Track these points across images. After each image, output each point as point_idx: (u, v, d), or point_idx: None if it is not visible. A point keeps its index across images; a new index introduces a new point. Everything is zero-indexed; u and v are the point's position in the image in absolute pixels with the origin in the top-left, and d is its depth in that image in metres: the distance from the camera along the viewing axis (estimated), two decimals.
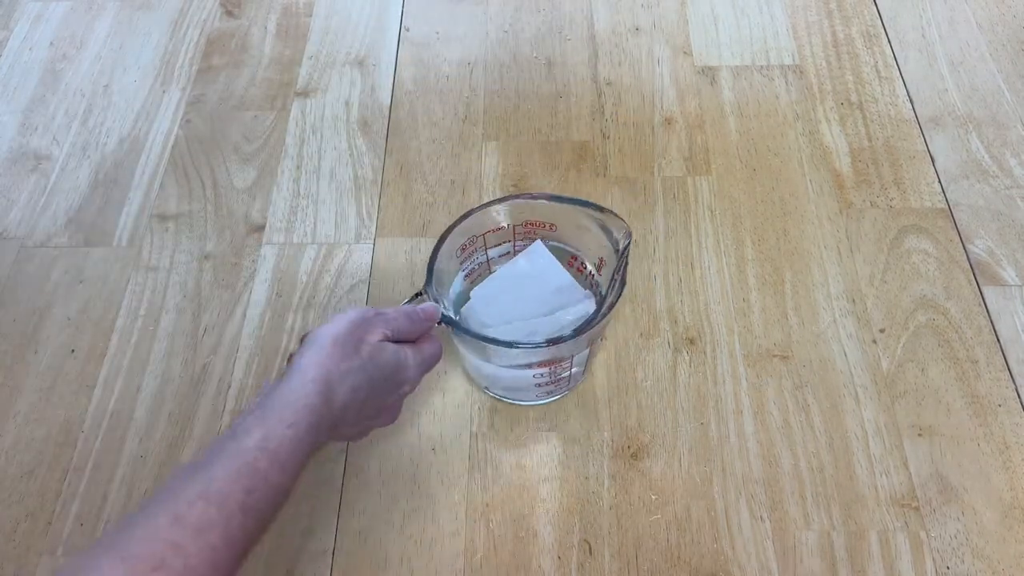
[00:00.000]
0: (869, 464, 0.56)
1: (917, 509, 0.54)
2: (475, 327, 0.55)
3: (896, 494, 0.55)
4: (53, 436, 0.58)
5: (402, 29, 0.83)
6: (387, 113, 0.76)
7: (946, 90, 0.77)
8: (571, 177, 0.71)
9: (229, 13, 0.84)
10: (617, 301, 0.50)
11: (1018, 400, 0.59)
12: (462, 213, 0.53)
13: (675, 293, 0.64)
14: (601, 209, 0.53)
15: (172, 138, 0.74)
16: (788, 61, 0.79)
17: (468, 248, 0.56)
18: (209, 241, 0.68)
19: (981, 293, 0.64)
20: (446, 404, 0.59)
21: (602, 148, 0.73)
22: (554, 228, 0.57)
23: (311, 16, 0.84)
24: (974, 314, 0.63)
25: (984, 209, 0.69)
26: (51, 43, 0.82)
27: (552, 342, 0.49)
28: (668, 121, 0.75)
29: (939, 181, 0.70)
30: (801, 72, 0.78)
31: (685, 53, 0.80)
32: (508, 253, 0.58)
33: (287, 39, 0.82)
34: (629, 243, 0.51)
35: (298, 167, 0.72)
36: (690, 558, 0.53)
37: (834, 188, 0.70)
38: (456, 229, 0.53)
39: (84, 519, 0.55)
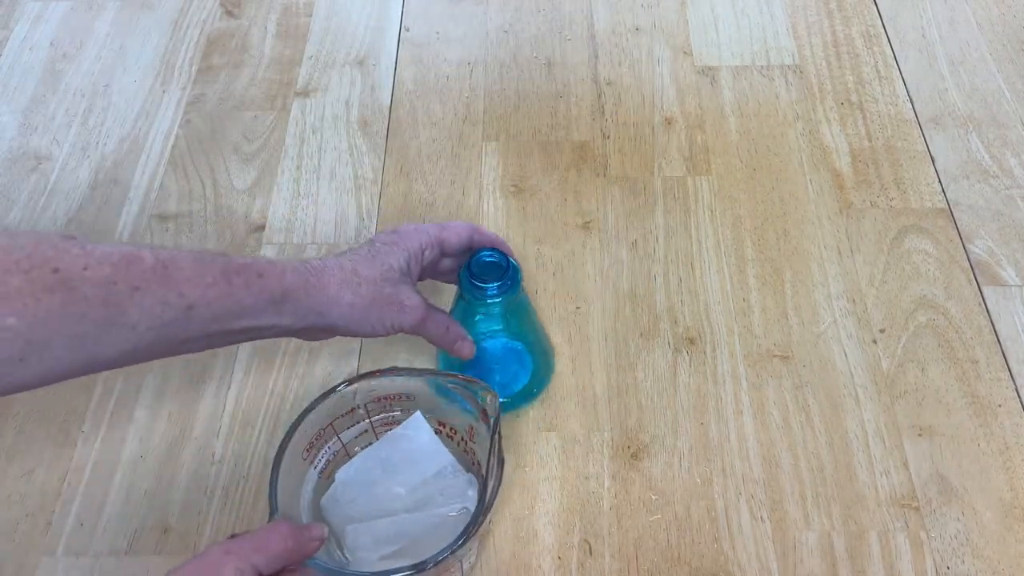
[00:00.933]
0: (869, 464, 0.56)
1: (917, 509, 0.54)
2: (338, 522, 0.49)
3: (896, 494, 0.55)
4: (53, 436, 0.58)
5: (402, 29, 0.83)
6: (387, 113, 0.76)
7: (946, 90, 0.77)
8: (571, 177, 0.71)
9: (229, 13, 0.84)
10: (500, 485, 0.45)
11: (1018, 400, 0.59)
12: (302, 409, 0.48)
13: (675, 293, 0.64)
14: (458, 377, 0.49)
15: (172, 138, 0.74)
16: (788, 61, 0.79)
17: (316, 444, 0.50)
18: (209, 241, 0.68)
19: (981, 293, 0.64)
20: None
21: (602, 148, 0.73)
22: (412, 399, 0.52)
23: (311, 16, 0.84)
24: (974, 314, 0.63)
25: (984, 209, 0.69)
26: (51, 43, 0.82)
27: (429, 563, 0.42)
28: (668, 121, 0.75)
29: (939, 181, 0.70)
30: (801, 72, 0.78)
31: (685, 53, 0.80)
32: (366, 432, 0.53)
33: (287, 39, 0.82)
34: (499, 414, 0.47)
35: (298, 167, 0.72)
36: (690, 558, 0.53)
37: (834, 188, 0.70)
38: (293, 440, 0.47)
39: (84, 519, 0.55)
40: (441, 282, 0.58)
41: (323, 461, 0.51)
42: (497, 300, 0.52)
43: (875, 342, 0.61)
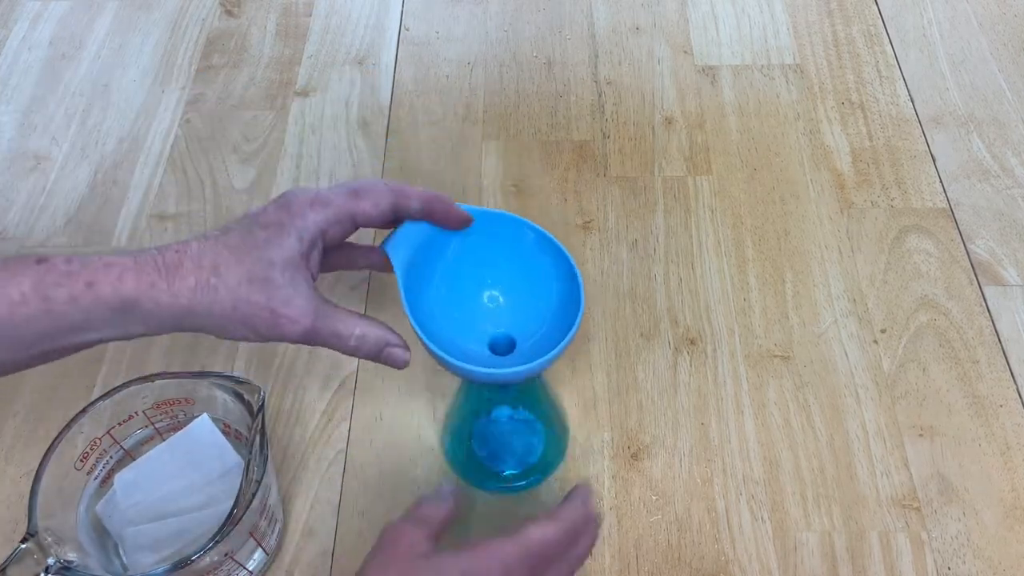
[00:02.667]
0: (870, 464, 0.56)
1: (918, 509, 0.54)
2: (117, 525, 0.47)
3: (897, 495, 0.55)
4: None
5: (402, 29, 0.83)
6: (387, 113, 0.76)
7: (947, 90, 0.77)
8: (571, 177, 0.71)
9: (229, 13, 0.84)
10: (263, 477, 0.44)
11: (1019, 400, 0.59)
12: (68, 420, 0.45)
13: (675, 293, 0.64)
14: (227, 377, 0.47)
15: (171, 138, 0.74)
16: (789, 60, 0.79)
17: (91, 454, 0.47)
18: None
19: (982, 293, 0.64)
20: (447, 404, 0.59)
21: (602, 148, 0.73)
22: (192, 402, 0.50)
23: (311, 16, 0.84)
24: (975, 314, 0.63)
25: (985, 209, 0.69)
26: (50, 42, 0.82)
27: (183, 564, 0.41)
28: (668, 121, 0.74)
29: (940, 181, 0.70)
30: (802, 72, 0.78)
31: (685, 52, 0.80)
32: (153, 438, 0.50)
33: (287, 39, 0.82)
34: (263, 405, 0.44)
35: (298, 167, 0.72)
36: (691, 559, 0.52)
37: (835, 188, 0.70)
38: (55, 452, 0.44)
39: None
40: (359, 270, 0.50)
41: (103, 469, 0.49)
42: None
43: (876, 342, 0.61)
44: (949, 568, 0.52)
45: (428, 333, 0.42)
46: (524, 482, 0.55)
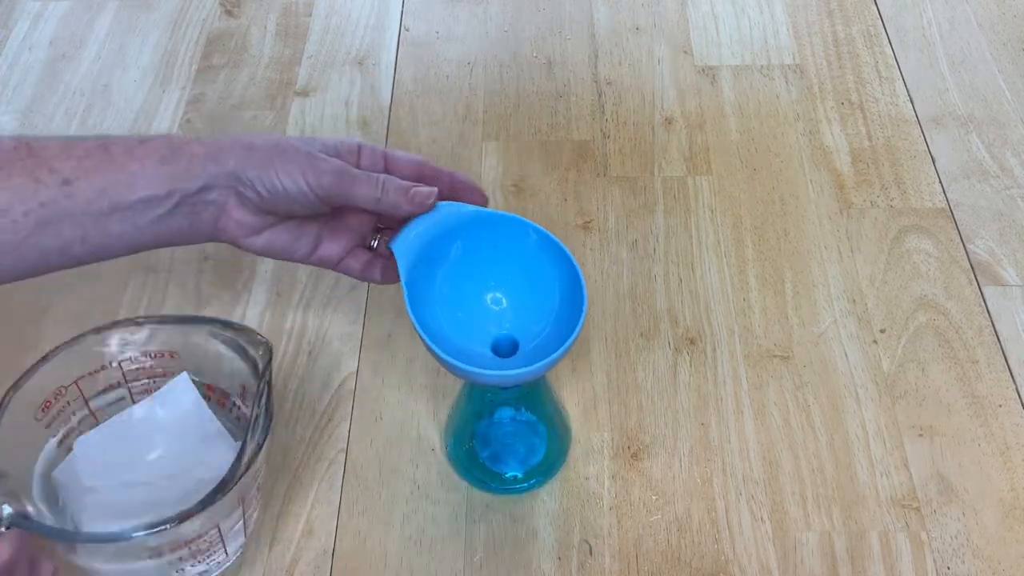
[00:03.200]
0: (870, 465, 0.56)
1: (918, 510, 0.54)
2: (75, 492, 0.42)
3: (897, 495, 0.55)
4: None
5: (402, 29, 0.83)
6: (387, 113, 0.76)
7: (947, 90, 0.77)
8: (571, 177, 0.71)
9: (229, 13, 0.84)
10: (265, 440, 0.41)
11: (1019, 400, 0.59)
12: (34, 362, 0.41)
13: (675, 293, 0.64)
14: (227, 325, 0.44)
15: None
16: (788, 61, 0.79)
17: (54, 405, 0.42)
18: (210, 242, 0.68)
19: (982, 293, 0.64)
20: (448, 405, 0.59)
21: (602, 148, 0.73)
22: (175, 356, 0.46)
23: (311, 16, 0.84)
24: (975, 314, 0.63)
25: (985, 209, 0.69)
26: (50, 42, 0.82)
27: (167, 524, 0.37)
28: (668, 121, 0.75)
29: (940, 181, 0.70)
30: (801, 72, 0.78)
31: (685, 53, 0.80)
32: (123, 399, 0.46)
33: (287, 39, 0.82)
34: (270, 361, 0.43)
35: None
36: (691, 559, 0.53)
37: (834, 188, 0.70)
38: (20, 392, 0.40)
39: None
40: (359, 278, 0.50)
41: (63, 429, 0.44)
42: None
43: (875, 342, 0.61)
44: (949, 568, 0.52)
45: (431, 335, 0.42)
46: (526, 484, 0.55)
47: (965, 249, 0.66)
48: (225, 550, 0.45)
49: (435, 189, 0.45)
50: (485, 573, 0.52)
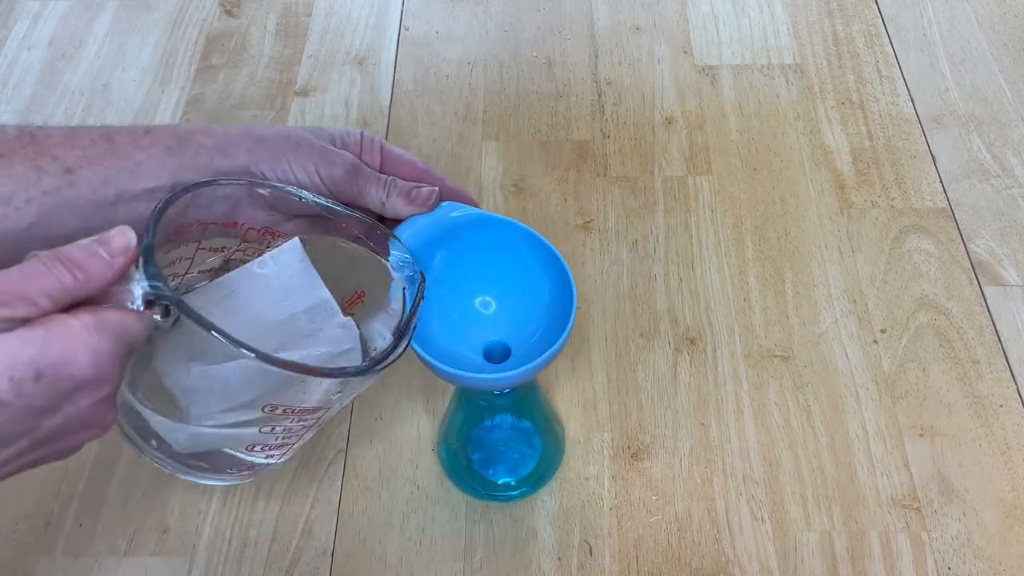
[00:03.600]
0: (870, 465, 0.56)
1: (918, 510, 0.54)
2: (173, 358, 0.36)
3: (897, 495, 0.55)
4: None
5: (402, 29, 0.83)
6: (387, 113, 0.76)
7: (947, 89, 0.77)
8: (571, 177, 0.71)
9: (228, 12, 0.84)
10: (407, 343, 0.39)
11: (1019, 400, 0.59)
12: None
13: (675, 293, 0.64)
14: (393, 236, 0.42)
15: None
16: (789, 60, 0.79)
17: (176, 239, 0.38)
18: None
19: (982, 293, 0.64)
20: (446, 405, 0.59)
21: (602, 148, 0.73)
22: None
23: (311, 16, 0.84)
24: (975, 314, 0.63)
25: (985, 209, 0.69)
26: (50, 42, 0.82)
27: (358, 371, 0.35)
28: (668, 121, 0.74)
29: (940, 181, 0.70)
30: (802, 71, 0.78)
31: (685, 52, 0.80)
32: (218, 268, 0.41)
33: (287, 38, 0.82)
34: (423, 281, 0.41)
35: None
36: (691, 559, 0.52)
37: (835, 188, 0.70)
38: (193, 193, 0.37)
39: (83, 519, 0.55)
40: None
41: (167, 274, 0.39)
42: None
43: (876, 342, 0.61)
44: (949, 568, 0.52)
45: (420, 339, 0.42)
46: (517, 491, 0.55)
47: (966, 249, 0.66)
48: (291, 448, 0.40)
49: (436, 189, 0.44)
50: (485, 573, 0.52)
